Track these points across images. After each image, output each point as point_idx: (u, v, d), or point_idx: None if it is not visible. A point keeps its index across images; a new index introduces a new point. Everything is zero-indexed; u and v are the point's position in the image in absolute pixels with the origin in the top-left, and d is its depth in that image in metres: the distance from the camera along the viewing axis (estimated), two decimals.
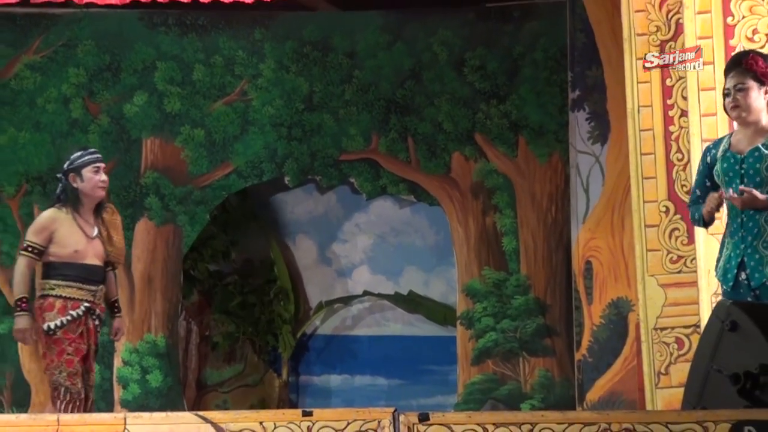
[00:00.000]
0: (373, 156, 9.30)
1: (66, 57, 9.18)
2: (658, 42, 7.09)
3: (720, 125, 6.47)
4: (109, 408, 8.84)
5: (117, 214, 6.88)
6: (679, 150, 7.04)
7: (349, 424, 4.33)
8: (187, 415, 4.52)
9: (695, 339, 6.50)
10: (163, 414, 4.55)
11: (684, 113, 6.86)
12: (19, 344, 9.02)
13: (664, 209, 7.09)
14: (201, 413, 4.44)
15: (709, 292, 6.36)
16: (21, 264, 6.58)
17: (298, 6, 9.10)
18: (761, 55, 5.33)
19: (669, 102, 7.08)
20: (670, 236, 7.06)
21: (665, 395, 6.96)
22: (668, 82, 7.08)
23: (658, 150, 7.10)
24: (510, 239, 9.10)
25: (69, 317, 6.53)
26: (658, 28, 7.10)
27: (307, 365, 9.60)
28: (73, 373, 6.47)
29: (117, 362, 9.07)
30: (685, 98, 6.78)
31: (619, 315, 8.52)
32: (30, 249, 6.57)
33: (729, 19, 6.53)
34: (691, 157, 6.60)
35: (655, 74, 7.11)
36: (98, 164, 6.73)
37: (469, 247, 9.16)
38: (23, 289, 6.54)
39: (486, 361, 9.04)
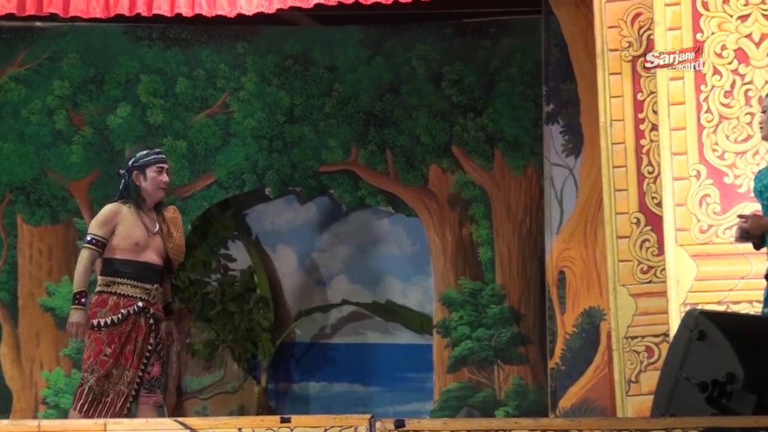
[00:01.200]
0: (353, 168, 9.31)
1: (51, 70, 9.17)
2: (630, 57, 7.13)
3: (689, 139, 6.51)
4: None
5: (178, 214, 6.78)
6: (649, 163, 7.07)
7: (326, 430, 4.34)
8: (166, 421, 4.51)
9: (665, 348, 6.53)
10: (143, 420, 4.54)
11: (654, 127, 6.89)
12: (1, 352, 9.01)
13: (635, 221, 7.12)
14: (181, 419, 4.44)
15: (678, 302, 6.38)
16: (84, 257, 6.44)
17: (280, 21, 9.11)
18: None
19: (640, 116, 7.11)
20: (640, 247, 7.09)
21: (635, 403, 6.98)
22: (639, 96, 7.12)
23: (630, 163, 7.13)
24: (486, 249, 9.12)
25: (119, 316, 6.42)
26: (630, 44, 7.14)
27: (286, 372, 9.59)
28: (103, 376, 6.36)
29: None
30: (655, 112, 6.81)
31: (592, 324, 8.55)
32: (94, 242, 6.44)
33: (698, 36, 6.57)
34: (661, 170, 6.62)
35: (627, 89, 7.14)
36: (162, 164, 6.65)
37: (446, 257, 9.18)
38: (83, 284, 6.40)
39: (461, 369, 9.05)
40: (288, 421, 4.36)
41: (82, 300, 6.39)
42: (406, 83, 9.22)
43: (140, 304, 6.46)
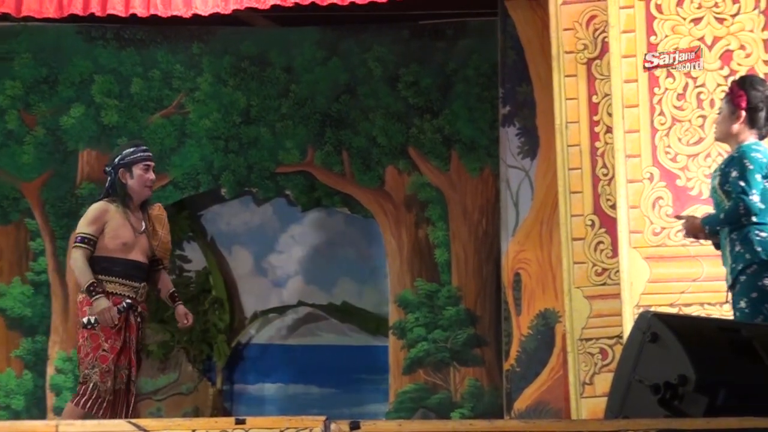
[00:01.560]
0: (309, 169, 9.29)
1: (2, 70, 9.09)
2: (585, 60, 7.15)
3: (643, 142, 6.54)
4: (41, 415, 8.74)
5: (163, 211, 6.74)
6: (604, 165, 7.09)
7: None
8: (120, 423, 4.47)
9: (618, 349, 6.55)
10: (95, 421, 4.50)
11: (609, 129, 6.92)
12: None
13: (590, 223, 7.15)
14: (134, 421, 4.39)
15: (631, 304, 6.41)
16: (78, 256, 6.36)
17: (236, 21, 9.07)
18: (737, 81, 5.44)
19: (595, 118, 7.14)
20: (595, 249, 7.11)
21: (590, 404, 7.00)
22: (594, 98, 7.14)
23: (585, 165, 7.15)
24: (442, 251, 9.13)
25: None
26: (586, 46, 7.17)
27: (242, 374, 9.55)
28: (105, 371, 6.28)
29: (50, 370, 8.97)
30: (610, 115, 6.84)
31: (547, 326, 8.57)
32: (86, 240, 6.37)
33: (652, 38, 6.60)
34: (615, 172, 6.65)
35: (582, 91, 7.17)
36: (149, 162, 6.59)
37: (402, 258, 9.18)
38: (90, 276, 6.31)
39: (417, 371, 9.05)
40: (243, 422, 4.33)
41: (98, 289, 6.31)
42: (362, 84, 9.21)
43: (128, 301, 6.41)
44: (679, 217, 5.81)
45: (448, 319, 9.07)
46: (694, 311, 6.29)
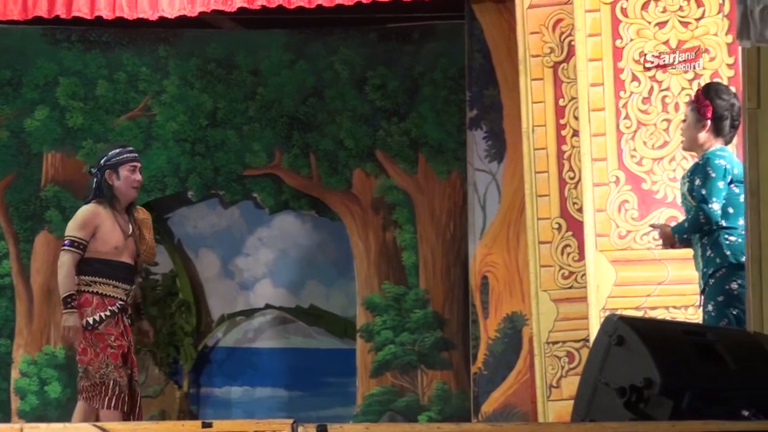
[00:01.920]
0: (276, 171, 9.27)
1: None
2: (552, 63, 7.17)
3: (608, 145, 6.57)
4: (6, 419, 8.68)
5: (147, 214, 6.71)
6: (571, 168, 7.12)
7: None
8: (85, 426, 4.45)
9: (585, 353, 6.57)
10: (60, 425, 4.47)
11: (576, 133, 6.94)
12: None
13: (556, 226, 7.16)
14: (99, 424, 4.38)
15: (597, 307, 6.43)
16: (66, 261, 6.30)
17: (203, 24, 9.04)
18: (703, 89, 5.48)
19: (562, 122, 7.16)
20: (562, 252, 7.13)
21: (556, 408, 7.02)
22: (561, 102, 7.17)
23: (551, 168, 7.17)
24: (409, 254, 9.13)
25: (108, 312, 6.32)
26: (552, 50, 7.19)
27: (209, 377, 9.51)
28: (119, 366, 6.26)
29: (15, 374, 8.92)
30: (576, 118, 6.86)
31: (514, 329, 8.58)
32: (75, 244, 6.32)
33: (618, 42, 6.63)
34: (582, 175, 6.67)
35: (549, 95, 7.19)
36: (135, 163, 6.54)
37: (370, 261, 9.17)
38: (70, 286, 6.27)
39: (385, 374, 9.05)
40: (209, 425, 4.32)
41: (73, 303, 6.27)
42: (329, 87, 9.20)
43: (121, 303, 6.37)
44: (653, 226, 5.85)
45: (415, 322, 9.07)
46: (660, 314, 6.32)
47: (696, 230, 5.36)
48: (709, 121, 5.42)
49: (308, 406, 9.32)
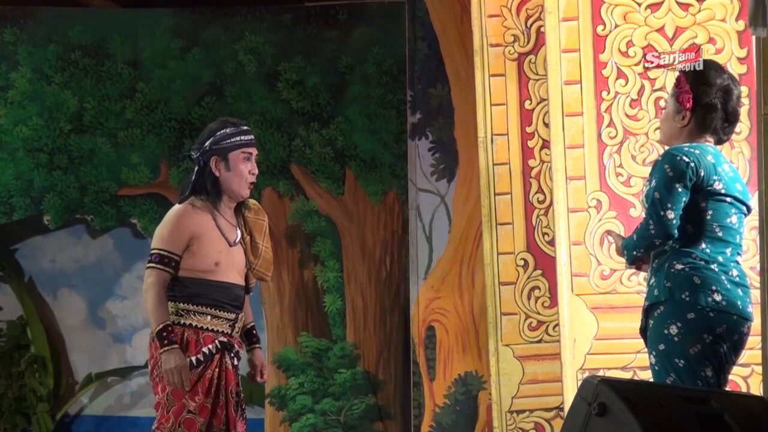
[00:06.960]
0: (162, 191, 9.30)
1: None
2: (516, 55, 7.24)
3: (588, 160, 6.63)
4: None
5: (263, 213, 6.20)
6: (540, 190, 7.18)
7: None
8: None
9: (558, 424, 6.62)
10: None
11: (546, 144, 7.00)
12: None
13: (521, 263, 7.22)
14: None
15: (574, 367, 6.48)
16: (152, 283, 5.83)
17: (64, 0, 9.04)
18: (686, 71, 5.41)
19: (528, 130, 7.23)
20: (528, 297, 7.19)
21: None
22: (528, 104, 7.23)
23: (516, 190, 7.23)
24: (334, 298, 9.17)
25: (200, 356, 5.86)
26: (516, 38, 7.25)
27: None
28: None
29: None
30: (547, 125, 6.92)
31: (468, 394, 8.63)
32: (166, 260, 5.86)
33: (599, 29, 6.70)
34: (554, 198, 6.72)
35: (512, 95, 7.25)
36: (251, 149, 6.05)
37: (283, 307, 9.20)
38: (164, 316, 5.80)
39: None
40: None
41: (171, 337, 5.79)
42: (231, 83, 9.24)
43: (222, 339, 5.94)
44: (609, 233, 5.87)
45: (341, 385, 9.11)
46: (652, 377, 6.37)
47: (646, 245, 5.17)
48: (688, 113, 5.29)
49: None
